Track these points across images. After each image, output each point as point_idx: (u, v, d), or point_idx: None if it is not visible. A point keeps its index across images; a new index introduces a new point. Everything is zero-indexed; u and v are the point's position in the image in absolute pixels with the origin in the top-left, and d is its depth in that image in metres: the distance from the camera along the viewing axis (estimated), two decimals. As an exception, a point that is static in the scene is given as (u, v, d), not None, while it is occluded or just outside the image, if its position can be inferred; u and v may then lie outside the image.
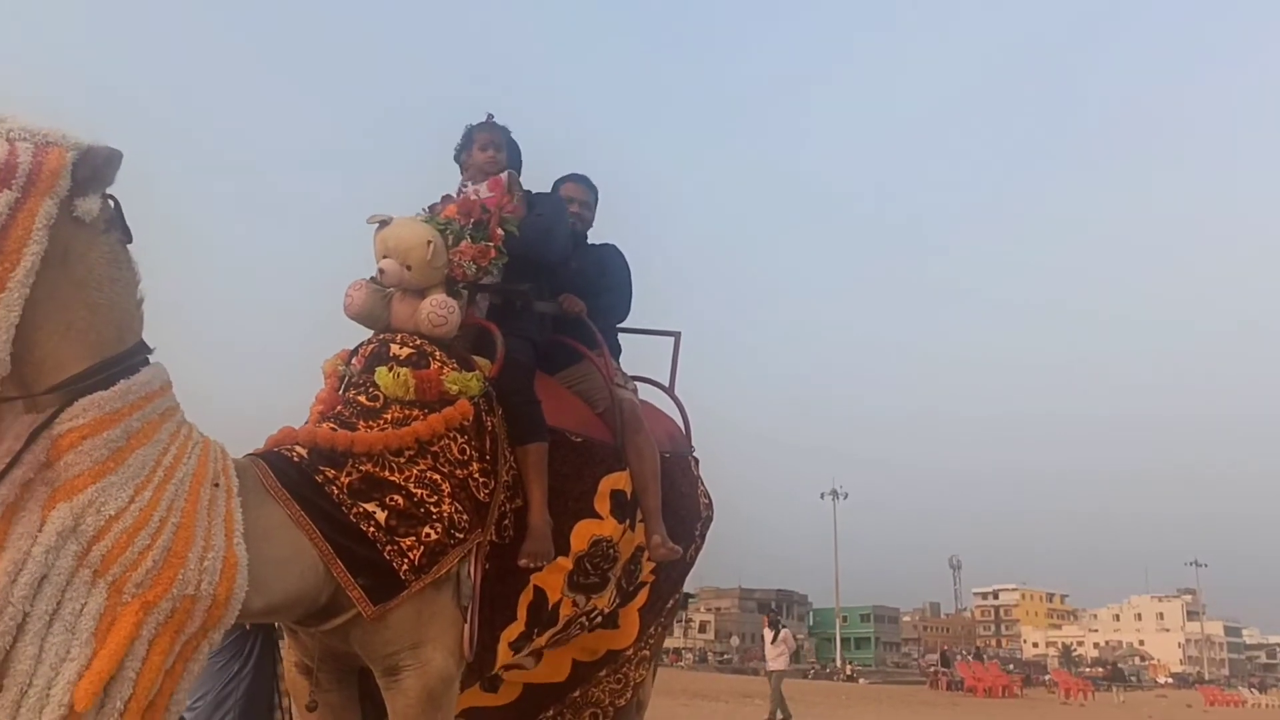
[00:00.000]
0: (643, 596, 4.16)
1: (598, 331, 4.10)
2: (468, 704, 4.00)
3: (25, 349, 2.34)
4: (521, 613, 3.44)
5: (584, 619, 3.81)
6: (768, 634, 19.80)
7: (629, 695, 4.22)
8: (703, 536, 4.48)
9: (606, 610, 3.91)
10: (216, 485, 2.61)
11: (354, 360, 3.43)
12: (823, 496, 72.42)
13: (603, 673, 4.15)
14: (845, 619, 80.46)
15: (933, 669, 45.51)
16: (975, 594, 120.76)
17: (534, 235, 3.75)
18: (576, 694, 4.14)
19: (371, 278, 3.50)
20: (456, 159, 4.06)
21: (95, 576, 2.33)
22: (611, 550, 3.73)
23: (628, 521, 3.81)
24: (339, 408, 3.28)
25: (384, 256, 3.39)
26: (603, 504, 3.73)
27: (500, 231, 3.54)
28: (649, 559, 3.96)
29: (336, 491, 2.97)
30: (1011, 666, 56.00)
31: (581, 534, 3.63)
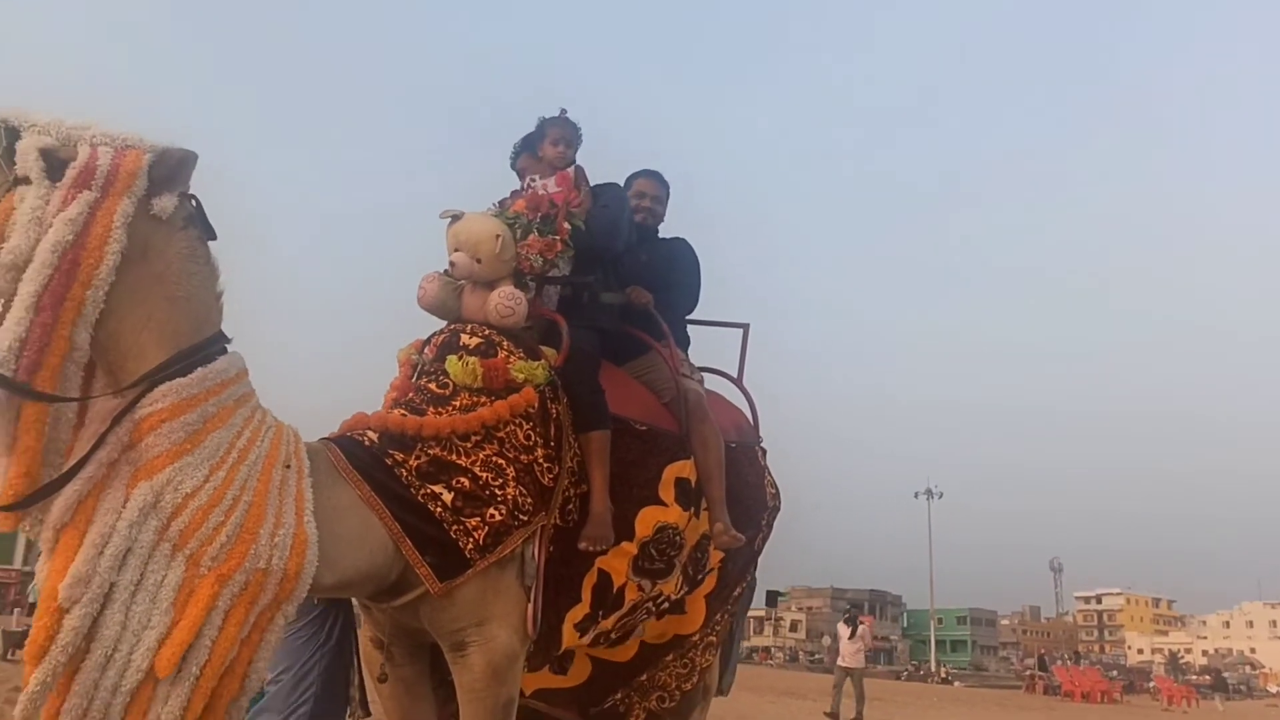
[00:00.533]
0: (710, 583, 4.22)
1: (664, 323, 4.18)
2: (539, 685, 4.11)
3: (111, 339, 2.54)
4: (586, 594, 3.54)
5: (650, 604, 3.89)
6: (843, 630, 19.49)
7: (695, 679, 4.29)
8: (770, 525, 4.52)
9: (674, 597, 3.98)
10: (288, 467, 2.76)
11: (426, 349, 3.58)
12: (916, 496, 71.37)
13: (669, 657, 4.22)
14: (941, 621, 79.17)
15: (1029, 673, 44.54)
16: (1077, 598, 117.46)
17: (599, 227, 3.86)
18: (644, 677, 4.21)
19: (444, 270, 3.64)
20: (514, 160, 4.13)
21: (174, 550, 2.50)
22: (677, 537, 3.80)
23: (692, 509, 3.88)
24: (410, 394, 3.42)
25: (455, 250, 3.53)
26: (667, 491, 3.80)
27: (567, 226, 3.66)
28: (715, 547, 4.04)
29: (405, 474, 3.11)
30: (1114, 673, 54.42)
31: (646, 520, 3.71)
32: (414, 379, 3.52)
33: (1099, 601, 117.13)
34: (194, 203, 2.71)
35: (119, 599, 2.41)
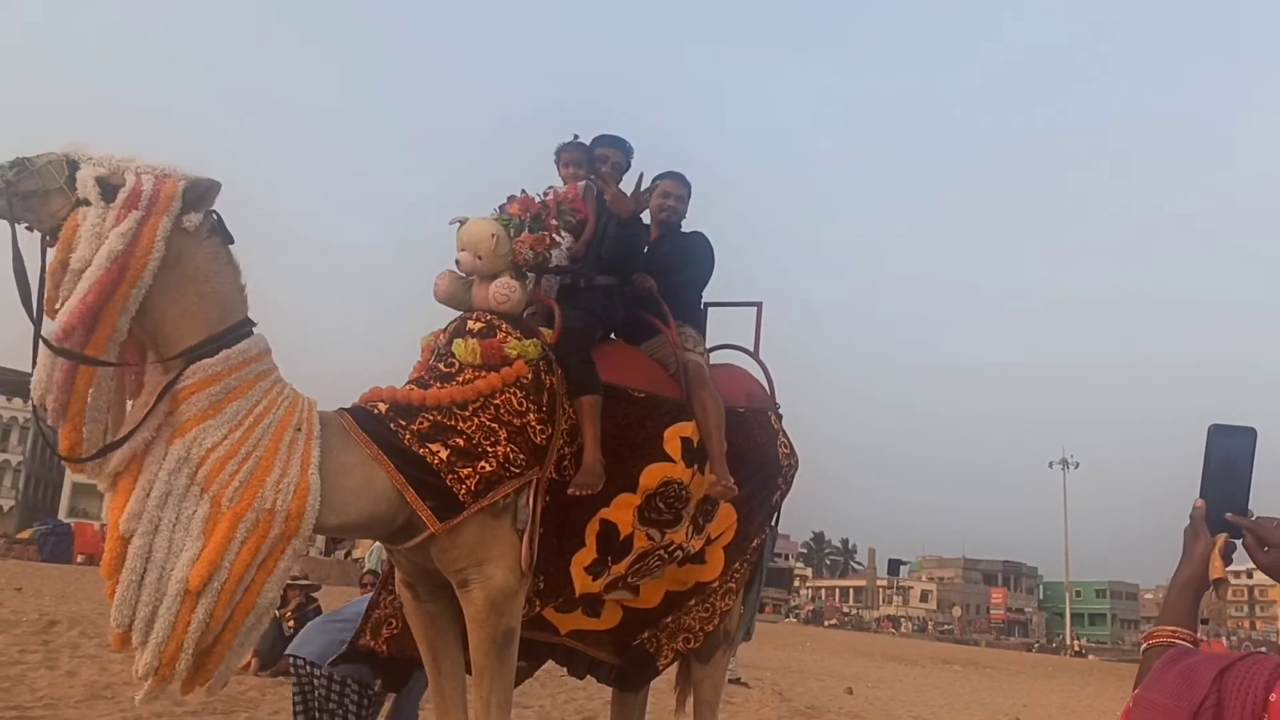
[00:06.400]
0: (729, 536, 4.71)
1: (668, 304, 4.68)
2: (575, 627, 4.68)
3: (157, 327, 3.29)
4: (590, 541, 4.07)
5: (663, 552, 4.37)
6: None
7: (716, 622, 4.80)
8: (788, 483, 4.98)
9: (687, 545, 4.45)
10: (299, 430, 3.42)
11: (442, 335, 4.16)
12: (1051, 465, 69.74)
13: (692, 602, 4.74)
14: (1079, 594, 77.19)
15: (1151, 645, 43.37)
16: (1229, 572, 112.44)
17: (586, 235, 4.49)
18: (669, 619, 4.75)
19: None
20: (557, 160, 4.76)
21: (202, 492, 3.22)
22: (683, 491, 4.28)
23: (696, 465, 4.34)
24: (423, 374, 4.02)
25: (461, 249, 4.10)
26: (673, 449, 4.28)
27: (555, 222, 4.20)
28: (709, 494, 4.44)
29: (408, 436, 3.69)
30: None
31: (652, 475, 4.20)
32: (432, 362, 4.10)
33: (1250, 576, 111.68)
34: (216, 217, 3.41)
35: (164, 531, 3.15)
